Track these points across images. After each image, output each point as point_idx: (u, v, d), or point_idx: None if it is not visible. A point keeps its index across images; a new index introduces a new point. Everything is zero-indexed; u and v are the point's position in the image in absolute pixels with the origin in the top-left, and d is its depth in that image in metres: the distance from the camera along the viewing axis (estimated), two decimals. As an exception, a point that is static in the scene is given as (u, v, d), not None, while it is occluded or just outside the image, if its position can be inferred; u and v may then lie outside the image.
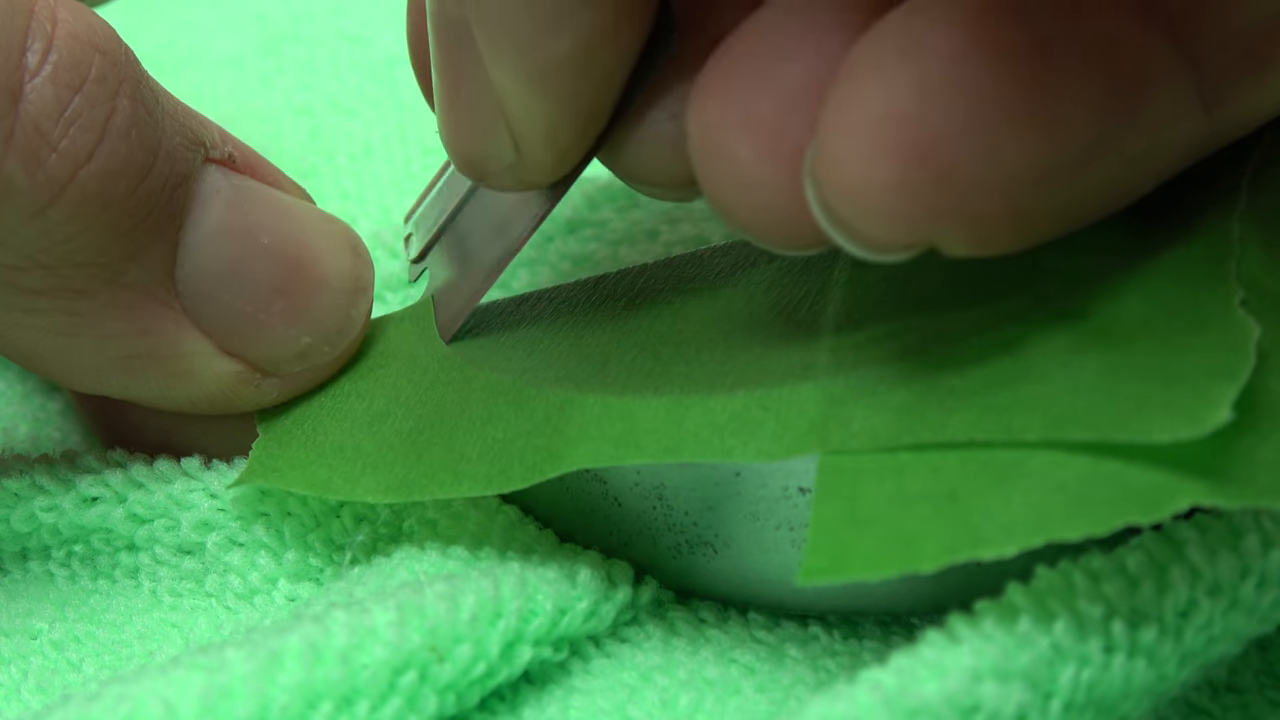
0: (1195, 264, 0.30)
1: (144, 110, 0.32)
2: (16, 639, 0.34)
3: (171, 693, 0.28)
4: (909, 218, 0.27)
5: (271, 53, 0.49)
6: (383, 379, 0.35)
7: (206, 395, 0.34)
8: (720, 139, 0.29)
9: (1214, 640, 0.28)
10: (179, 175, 0.33)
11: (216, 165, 0.34)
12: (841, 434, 0.29)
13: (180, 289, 0.33)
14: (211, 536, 0.35)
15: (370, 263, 0.35)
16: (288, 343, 0.34)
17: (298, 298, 0.34)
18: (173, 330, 0.33)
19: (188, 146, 0.33)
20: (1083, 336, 0.30)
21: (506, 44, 0.30)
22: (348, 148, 0.46)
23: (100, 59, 0.32)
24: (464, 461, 0.32)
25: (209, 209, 0.33)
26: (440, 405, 0.34)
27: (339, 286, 0.35)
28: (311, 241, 0.34)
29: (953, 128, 0.27)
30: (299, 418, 0.35)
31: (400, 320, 0.36)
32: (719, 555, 0.32)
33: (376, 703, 0.29)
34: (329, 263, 0.34)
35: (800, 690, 0.31)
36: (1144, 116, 0.28)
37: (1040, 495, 0.28)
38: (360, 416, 0.34)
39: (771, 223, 0.29)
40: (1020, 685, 0.27)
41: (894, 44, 0.27)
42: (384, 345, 0.36)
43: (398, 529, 0.34)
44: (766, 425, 0.30)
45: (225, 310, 0.34)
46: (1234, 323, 0.29)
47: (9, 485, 0.35)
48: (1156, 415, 0.28)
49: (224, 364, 0.34)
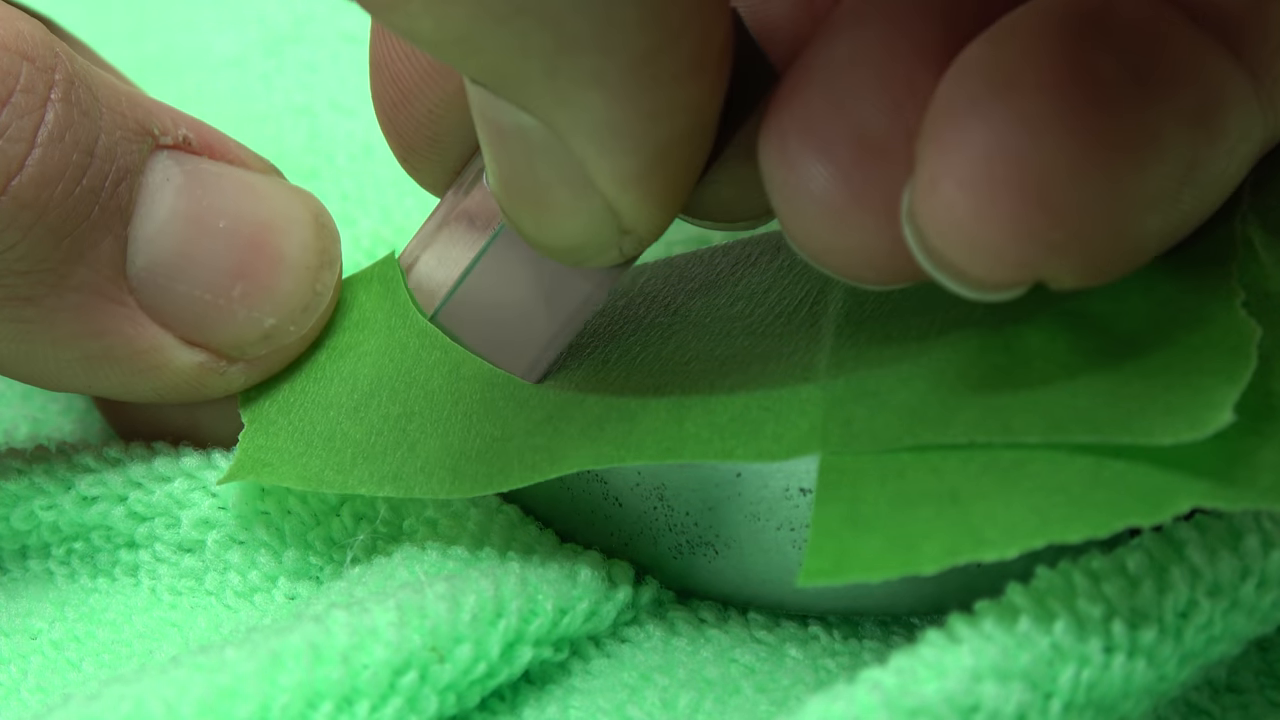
0: (1197, 264, 0.30)
1: (78, 112, 0.32)
2: (16, 639, 0.34)
3: (172, 693, 0.28)
4: (1023, 257, 0.27)
5: (272, 53, 0.49)
6: (363, 358, 0.34)
7: (171, 387, 0.34)
8: (804, 185, 0.28)
9: (1214, 641, 0.28)
10: (122, 170, 0.32)
11: (169, 151, 0.33)
12: (842, 435, 0.29)
13: (134, 284, 0.33)
14: (212, 535, 0.35)
15: (336, 235, 0.35)
16: (251, 327, 0.33)
17: (258, 280, 0.33)
18: (128, 329, 0.33)
19: (132, 139, 0.32)
20: (1084, 337, 0.30)
21: (614, 146, 0.28)
22: (348, 148, 0.46)
23: (28, 67, 0.31)
24: (463, 459, 0.32)
25: (159, 199, 0.33)
26: (428, 391, 0.33)
27: (302, 263, 0.34)
28: (272, 219, 0.34)
29: (1063, 162, 0.26)
30: (284, 405, 0.34)
31: (369, 281, 0.35)
32: (719, 556, 0.32)
33: (377, 703, 0.29)
34: (291, 239, 0.34)
35: (800, 690, 0.31)
36: (1227, 132, 0.28)
37: (1042, 496, 0.27)
38: (345, 402, 0.34)
39: (864, 264, 0.28)
40: (1020, 685, 0.27)
41: (986, 78, 0.27)
42: (358, 315, 0.35)
43: (398, 528, 0.34)
44: (767, 426, 0.30)
45: (183, 300, 0.33)
46: (1235, 324, 0.29)
47: (8, 486, 0.35)
48: (1158, 417, 0.28)
49: (187, 355, 0.33)
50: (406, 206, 0.44)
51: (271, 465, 0.33)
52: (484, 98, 0.29)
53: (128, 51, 0.48)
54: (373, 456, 0.33)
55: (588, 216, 0.30)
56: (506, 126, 0.29)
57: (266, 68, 0.49)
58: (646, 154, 0.28)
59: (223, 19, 0.51)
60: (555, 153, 0.29)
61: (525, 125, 0.29)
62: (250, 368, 0.34)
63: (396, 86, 0.34)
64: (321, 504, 0.34)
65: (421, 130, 0.34)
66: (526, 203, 0.30)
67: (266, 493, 0.34)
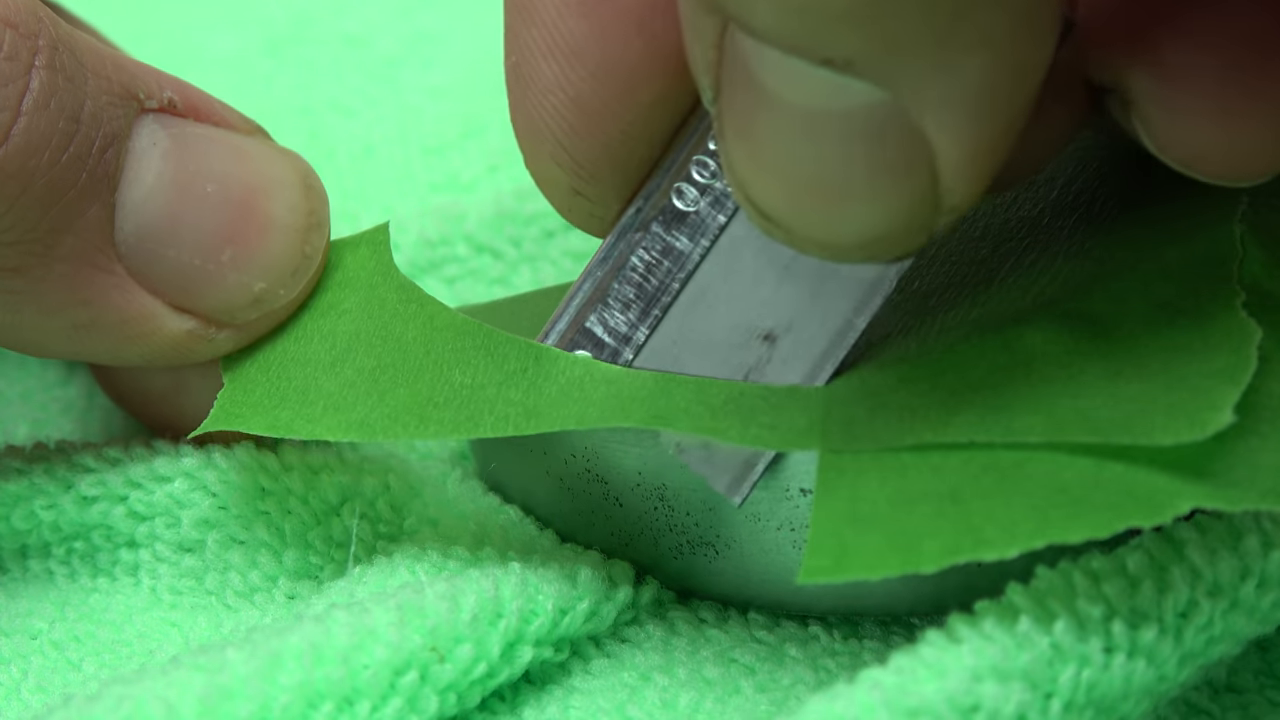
0: (1197, 264, 0.30)
1: (63, 78, 0.31)
2: (16, 639, 0.34)
3: (172, 693, 0.28)
4: None
5: (273, 54, 0.49)
6: (344, 316, 0.34)
7: (160, 353, 0.33)
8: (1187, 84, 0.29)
9: (1214, 641, 0.28)
10: (109, 136, 0.32)
11: (154, 115, 0.33)
12: (843, 434, 0.29)
13: (122, 251, 0.32)
14: (212, 534, 0.35)
15: (324, 196, 0.34)
16: (241, 291, 0.33)
17: (248, 243, 0.33)
18: (117, 297, 0.33)
19: (117, 103, 0.32)
20: (1084, 337, 0.30)
21: (979, 113, 0.27)
22: (348, 148, 0.46)
23: (11, 34, 0.31)
24: (430, 406, 0.32)
25: (146, 164, 0.32)
26: (402, 343, 0.33)
27: (291, 225, 0.33)
28: (259, 182, 0.33)
29: None
30: (263, 363, 0.34)
31: (357, 246, 0.35)
32: (720, 556, 0.32)
33: (377, 703, 0.29)
34: (279, 201, 0.33)
35: (800, 690, 0.32)
36: None
37: (1042, 497, 0.28)
38: (323, 359, 0.33)
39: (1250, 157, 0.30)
40: (1020, 685, 0.27)
41: None
42: (342, 276, 0.34)
43: (398, 528, 0.34)
44: (762, 414, 0.30)
45: (172, 266, 0.33)
46: (1236, 325, 0.29)
47: (8, 486, 0.35)
48: (1158, 418, 0.28)
49: (175, 322, 0.33)
50: (407, 206, 0.44)
51: (243, 417, 0.33)
52: (796, 88, 0.27)
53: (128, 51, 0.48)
54: (343, 407, 0.32)
55: (908, 199, 0.28)
56: (827, 112, 0.27)
57: (267, 68, 0.49)
58: (1004, 119, 0.27)
59: (223, 19, 0.51)
60: (889, 133, 0.27)
61: (860, 107, 0.27)
62: (239, 333, 0.34)
63: (578, 110, 0.32)
64: (322, 504, 0.34)
65: (609, 153, 0.32)
66: (824, 199, 0.28)
67: (267, 493, 0.34)
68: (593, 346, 0.32)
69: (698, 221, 0.32)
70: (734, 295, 0.32)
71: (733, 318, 0.32)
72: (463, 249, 0.41)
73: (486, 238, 0.41)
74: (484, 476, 0.35)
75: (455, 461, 0.37)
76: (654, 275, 0.32)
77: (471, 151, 0.45)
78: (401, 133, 0.46)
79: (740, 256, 0.32)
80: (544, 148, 0.32)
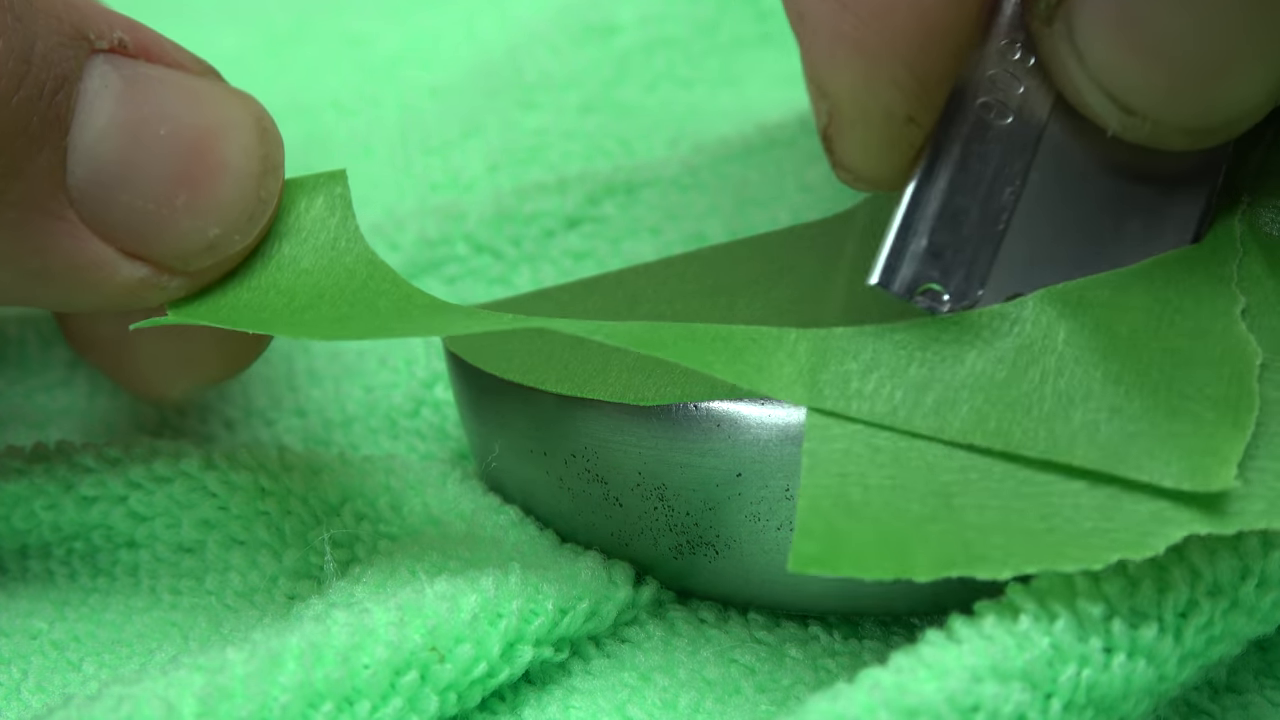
0: (1198, 264, 0.30)
1: (11, 17, 0.30)
2: (16, 639, 0.34)
3: (172, 693, 0.28)
4: None
5: (273, 53, 0.49)
6: (303, 275, 0.33)
7: (111, 301, 0.32)
8: None
9: (1214, 641, 0.28)
10: (59, 78, 0.31)
11: (105, 56, 0.32)
12: (836, 395, 0.29)
13: (74, 196, 0.31)
14: (212, 535, 0.35)
15: (280, 140, 0.33)
16: (195, 237, 0.32)
17: (202, 187, 0.32)
18: (68, 244, 0.32)
19: (67, 44, 0.31)
20: (1084, 336, 0.30)
21: None
22: (348, 148, 0.46)
23: None
24: (393, 320, 0.31)
25: (97, 107, 0.31)
26: (374, 308, 0.32)
27: (246, 169, 0.32)
28: (213, 124, 0.32)
29: None
30: (212, 310, 0.32)
31: (312, 191, 0.34)
32: (720, 556, 0.32)
33: (377, 703, 0.29)
34: (234, 144, 0.32)
35: (800, 690, 0.32)
36: None
37: (1037, 520, 0.28)
38: (280, 309, 0.32)
39: None
40: (1020, 685, 0.27)
41: None
42: (296, 225, 0.33)
43: (398, 527, 0.34)
44: (750, 355, 0.29)
45: (125, 211, 0.32)
46: (1235, 341, 0.29)
47: (8, 486, 0.35)
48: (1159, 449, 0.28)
49: (128, 269, 0.32)
50: (406, 206, 0.44)
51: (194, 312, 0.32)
52: None
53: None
54: (299, 327, 0.32)
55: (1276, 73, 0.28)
56: None
57: (267, 67, 0.49)
58: None
59: (224, 18, 0.51)
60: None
61: None
62: (191, 281, 0.33)
63: (923, 25, 0.30)
64: (322, 504, 0.34)
65: (954, 67, 0.30)
66: (1208, 75, 0.28)
67: (267, 493, 0.34)
68: (940, 273, 0.31)
69: (1010, 133, 0.31)
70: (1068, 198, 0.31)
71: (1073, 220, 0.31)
72: (463, 248, 0.41)
73: (486, 237, 0.41)
74: (484, 476, 0.35)
75: (455, 461, 0.37)
76: (981, 191, 0.31)
77: (471, 151, 0.45)
78: (401, 132, 0.46)
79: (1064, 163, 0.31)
80: (884, 72, 0.30)
